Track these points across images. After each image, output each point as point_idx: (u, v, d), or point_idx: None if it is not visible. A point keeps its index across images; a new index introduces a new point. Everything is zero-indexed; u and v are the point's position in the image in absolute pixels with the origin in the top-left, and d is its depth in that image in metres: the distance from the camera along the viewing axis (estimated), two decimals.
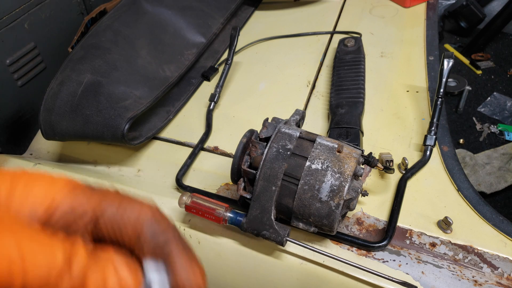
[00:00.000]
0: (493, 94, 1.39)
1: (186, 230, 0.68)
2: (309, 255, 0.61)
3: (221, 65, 1.06)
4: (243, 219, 0.60)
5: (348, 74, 0.90)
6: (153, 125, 0.86)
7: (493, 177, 1.12)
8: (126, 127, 0.74)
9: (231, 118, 0.90)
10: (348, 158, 0.56)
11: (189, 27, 1.03)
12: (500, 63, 1.51)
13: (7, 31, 0.91)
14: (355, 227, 0.65)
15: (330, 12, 1.22)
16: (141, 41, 0.94)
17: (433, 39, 1.05)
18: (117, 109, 0.76)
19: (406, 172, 0.72)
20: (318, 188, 0.54)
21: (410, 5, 1.20)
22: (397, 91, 0.91)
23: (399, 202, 0.66)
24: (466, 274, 0.58)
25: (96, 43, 0.88)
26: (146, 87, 0.86)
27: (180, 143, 0.85)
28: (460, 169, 0.72)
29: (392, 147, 0.78)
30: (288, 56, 1.07)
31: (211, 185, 0.75)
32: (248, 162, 0.61)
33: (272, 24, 1.20)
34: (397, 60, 1.01)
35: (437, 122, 0.76)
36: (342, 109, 0.81)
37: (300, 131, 0.59)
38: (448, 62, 0.78)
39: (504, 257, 0.59)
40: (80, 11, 1.12)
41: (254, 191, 0.58)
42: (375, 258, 0.61)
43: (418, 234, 0.63)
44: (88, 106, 0.76)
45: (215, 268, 0.67)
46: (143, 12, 1.00)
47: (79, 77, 0.80)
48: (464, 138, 1.26)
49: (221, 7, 1.12)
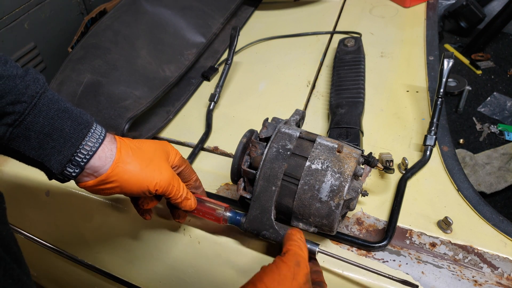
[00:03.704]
0: (493, 94, 1.39)
1: (186, 230, 0.68)
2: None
3: (221, 65, 1.06)
4: (243, 219, 0.60)
5: (348, 74, 0.90)
6: (153, 125, 0.86)
7: (493, 177, 1.12)
8: (126, 127, 0.74)
9: (231, 118, 0.90)
10: (348, 158, 0.56)
11: (189, 27, 1.03)
12: (500, 63, 1.51)
13: (7, 31, 0.91)
14: (355, 227, 0.65)
15: (330, 12, 1.22)
16: (141, 41, 0.94)
17: (433, 39, 1.05)
18: (117, 109, 0.76)
19: (406, 172, 0.72)
20: (318, 188, 0.54)
21: (410, 5, 1.20)
22: (397, 91, 0.91)
23: (399, 202, 0.66)
24: (466, 274, 0.58)
25: (96, 43, 0.88)
26: (146, 87, 0.86)
27: (180, 143, 0.85)
28: (460, 169, 0.72)
29: (392, 147, 0.78)
30: (288, 56, 1.06)
31: (211, 185, 0.75)
32: (248, 162, 0.61)
33: (272, 24, 1.20)
34: (397, 60, 1.01)
35: (437, 122, 0.76)
36: (342, 109, 0.81)
37: (300, 131, 0.59)
38: (448, 62, 0.78)
39: (504, 257, 0.59)
40: (80, 11, 1.12)
41: (254, 191, 0.58)
42: (375, 258, 0.61)
43: (418, 234, 0.63)
44: (88, 106, 0.76)
45: (215, 268, 0.67)
46: (143, 12, 1.00)
47: (79, 77, 0.80)
48: (464, 138, 1.26)
49: (221, 7, 1.12)
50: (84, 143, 0.49)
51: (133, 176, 0.52)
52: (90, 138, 0.50)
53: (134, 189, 0.53)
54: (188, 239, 0.68)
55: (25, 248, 0.96)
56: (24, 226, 0.86)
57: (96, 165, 0.50)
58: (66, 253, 0.83)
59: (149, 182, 0.53)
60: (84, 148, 0.49)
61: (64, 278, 0.94)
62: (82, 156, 0.49)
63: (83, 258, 0.82)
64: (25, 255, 0.44)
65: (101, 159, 0.50)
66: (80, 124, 0.49)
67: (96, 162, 0.50)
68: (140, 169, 0.53)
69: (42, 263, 0.92)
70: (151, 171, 0.54)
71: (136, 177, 0.52)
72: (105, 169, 0.51)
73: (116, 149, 0.52)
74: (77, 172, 0.50)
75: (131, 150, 0.54)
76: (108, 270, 0.80)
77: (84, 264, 0.81)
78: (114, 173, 0.51)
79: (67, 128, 0.48)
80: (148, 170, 0.54)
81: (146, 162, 0.54)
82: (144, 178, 0.53)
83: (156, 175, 0.54)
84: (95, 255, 0.80)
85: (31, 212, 0.85)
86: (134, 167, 0.52)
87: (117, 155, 0.52)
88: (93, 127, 0.51)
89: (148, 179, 0.53)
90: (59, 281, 0.98)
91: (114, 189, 0.53)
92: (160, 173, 0.55)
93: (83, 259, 0.81)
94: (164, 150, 0.59)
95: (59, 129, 0.48)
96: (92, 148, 0.50)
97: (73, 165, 0.49)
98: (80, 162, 0.49)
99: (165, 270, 0.73)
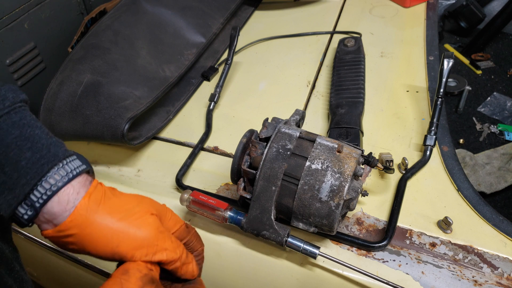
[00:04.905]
0: (493, 94, 1.39)
1: None
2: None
3: (221, 65, 1.06)
4: (243, 218, 0.60)
5: (348, 74, 0.90)
6: (153, 125, 0.86)
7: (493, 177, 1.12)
8: (126, 127, 0.74)
9: (231, 118, 0.90)
10: (348, 158, 0.56)
11: (189, 27, 1.03)
12: (500, 63, 1.51)
13: (7, 31, 0.91)
14: (355, 227, 0.65)
15: (330, 12, 1.22)
16: (141, 41, 0.94)
17: (433, 39, 1.05)
18: (117, 109, 0.76)
19: (406, 172, 0.72)
20: (318, 188, 0.54)
21: (410, 5, 1.20)
22: (397, 91, 0.91)
23: (399, 202, 0.66)
24: (466, 274, 0.58)
25: (96, 43, 0.88)
26: (146, 87, 0.86)
27: (180, 143, 0.85)
28: (460, 169, 0.72)
29: (392, 147, 0.78)
30: (288, 56, 1.07)
31: (211, 185, 0.75)
32: (248, 162, 0.61)
33: (272, 24, 1.20)
34: (397, 60, 1.01)
35: (437, 122, 0.76)
36: (342, 109, 0.81)
37: (300, 131, 0.59)
38: (448, 62, 0.78)
39: (504, 257, 0.59)
40: (80, 11, 1.12)
41: (254, 191, 0.58)
42: (375, 258, 0.61)
43: (418, 234, 0.63)
44: (88, 106, 0.76)
45: (215, 268, 0.67)
46: (143, 12, 1.00)
47: (79, 77, 0.80)
48: (464, 138, 1.26)
49: (221, 7, 1.12)
50: (44, 180, 0.39)
51: (99, 230, 0.40)
52: (53, 175, 0.40)
53: (100, 249, 0.40)
54: None
55: (25, 248, 0.96)
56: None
57: (54, 210, 0.39)
58: (66, 253, 0.83)
59: (122, 241, 0.40)
60: (42, 186, 0.39)
61: (64, 278, 0.94)
62: (38, 195, 0.39)
63: (83, 258, 0.82)
64: (25, 255, 0.44)
65: (61, 203, 0.40)
66: (43, 158, 0.40)
67: (54, 206, 0.39)
68: (110, 221, 0.40)
69: (42, 263, 0.92)
70: (126, 226, 0.41)
71: (103, 233, 0.40)
72: (64, 217, 0.40)
73: (85, 193, 0.41)
74: (29, 215, 0.39)
75: (103, 197, 0.42)
76: (108, 270, 0.80)
77: (84, 264, 0.81)
78: (74, 223, 0.39)
79: (24, 161, 0.38)
80: (121, 223, 0.41)
81: (122, 213, 0.42)
82: (114, 234, 0.40)
83: (132, 231, 0.41)
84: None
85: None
86: (101, 219, 0.40)
87: (82, 201, 0.40)
88: (63, 162, 0.41)
89: (120, 236, 0.40)
90: (59, 281, 0.98)
91: (77, 245, 0.41)
92: (138, 229, 0.41)
93: (83, 259, 0.81)
94: (154, 207, 0.46)
95: (14, 161, 0.38)
96: (52, 187, 0.39)
97: (26, 205, 0.39)
98: (35, 203, 0.39)
99: None
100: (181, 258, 0.45)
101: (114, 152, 0.86)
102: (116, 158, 0.84)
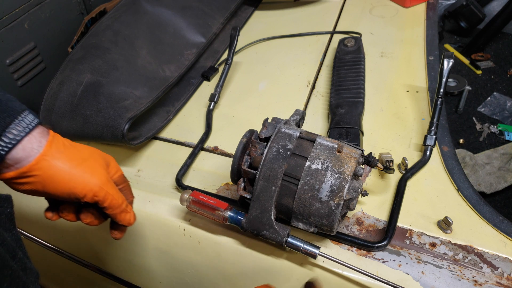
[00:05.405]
0: (493, 94, 1.39)
1: (186, 229, 0.68)
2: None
3: (221, 65, 1.06)
4: (243, 218, 0.60)
5: (348, 74, 0.90)
6: (153, 125, 0.86)
7: (493, 177, 1.12)
8: (126, 127, 0.74)
9: (231, 118, 0.90)
10: (348, 158, 0.56)
11: (189, 27, 1.03)
12: (500, 63, 1.51)
13: (7, 31, 0.91)
14: (355, 227, 0.65)
15: (330, 12, 1.22)
16: (141, 41, 0.94)
17: (433, 39, 1.05)
18: (117, 109, 0.76)
19: (406, 172, 0.72)
20: (318, 188, 0.54)
21: (410, 5, 1.20)
22: (397, 91, 0.91)
23: (399, 202, 0.66)
24: (466, 274, 0.58)
25: (96, 43, 0.88)
26: (146, 87, 0.86)
27: (180, 143, 0.85)
28: (460, 169, 0.72)
29: (392, 147, 0.78)
30: (288, 56, 1.07)
31: (211, 185, 0.75)
32: (248, 162, 0.61)
33: (272, 24, 1.20)
34: (397, 60, 1.01)
35: (437, 122, 0.76)
36: (342, 109, 0.81)
37: (300, 131, 0.59)
38: (448, 62, 0.78)
39: (504, 257, 0.59)
40: (80, 11, 1.12)
41: (254, 191, 0.58)
42: (375, 258, 0.61)
43: (418, 234, 0.63)
44: (88, 106, 0.76)
45: (215, 268, 0.67)
46: (143, 12, 1.00)
47: (79, 77, 0.80)
48: (464, 138, 1.26)
49: (221, 7, 1.12)
50: (7, 131, 0.45)
51: (60, 173, 0.48)
52: (15, 126, 0.46)
53: (59, 189, 0.48)
54: (188, 239, 0.68)
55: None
56: (24, 226, 0.86)
57: (18, 156, 0.46)
58: (66, 253, 0.83)
59: (77, 183, 0.49)
60: (6, 136, 0.45)
61: (64, 278, 0.94)
62: (3, 144, 0.45)
63: (83, 258, 0.82)
64: None
65: (25, 150, 0.46)
66: (4, 112, 0.45)
67: (19, 153, 0.46)
68: (69, 167, 0.49)
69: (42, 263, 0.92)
70: (82, 172, 0.49)
71: (63, 175, 0.48)
72: (28, 161, 0.46)
73: (46, 142, 0.48)
74: None
75: (63, 146, 0.50)
76: (108, 270, 0.80)
77: (84, 264, 0.81)
78: (38, 166, 0.47)
79: None
80: (78, 169, 0.49)
81: (78, 161, 0.50)
82: (72, 177, 0.48)
83: (87, 177, 0.49)
84: (96, 255, 0.80)
85: (31, 212, 0.85)
86: (62, 164, 0.48)
87: (45, 148, 0.48)
88: (22, 116, 0.47)
89: (77, 179, 0.49)
90: (59, 281, 0.98)
91: (35, 185, 0.48)
92: (91, 175, 0.50)
93: (83, 259, 0.81)
94: (103, 158, 0.54)
95: None
96: (16, 137, 0.46)
97: None
98: (0, 151, 0.45)
99: (165, 270, 0.73)
100: (121, 205, 0.53)
101: (114, 152, 0.86)
102: (116, 158, 0.83)
